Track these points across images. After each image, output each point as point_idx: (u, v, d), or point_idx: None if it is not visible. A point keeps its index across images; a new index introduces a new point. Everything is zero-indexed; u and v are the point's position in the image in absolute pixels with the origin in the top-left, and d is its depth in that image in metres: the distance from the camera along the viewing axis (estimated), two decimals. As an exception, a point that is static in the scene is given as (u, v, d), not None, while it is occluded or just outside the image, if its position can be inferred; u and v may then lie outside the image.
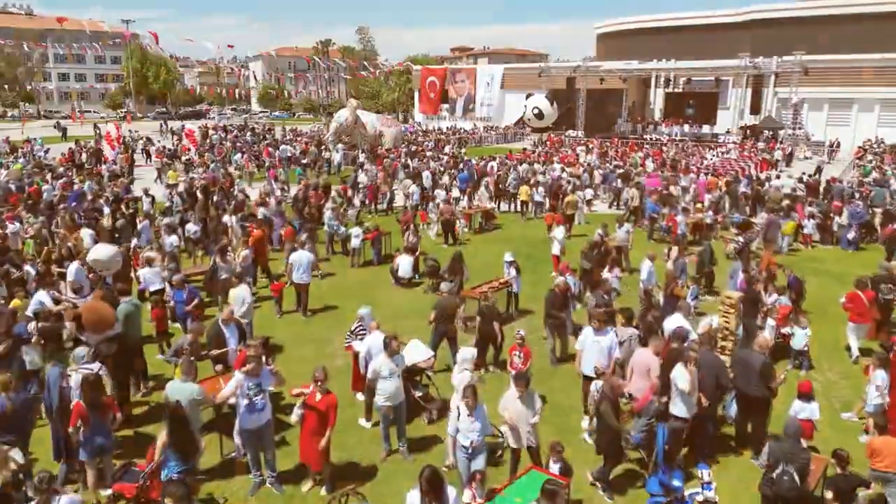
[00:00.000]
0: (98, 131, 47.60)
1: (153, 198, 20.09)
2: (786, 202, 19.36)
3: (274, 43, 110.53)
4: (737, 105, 48.90)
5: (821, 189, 23.57)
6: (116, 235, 15.40)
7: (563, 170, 27.28)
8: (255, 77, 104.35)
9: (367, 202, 23.28)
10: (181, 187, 20.51)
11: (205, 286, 12.98)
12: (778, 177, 23.77)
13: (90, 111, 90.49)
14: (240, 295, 10.56)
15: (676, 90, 54.54)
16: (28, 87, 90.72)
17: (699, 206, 20.28)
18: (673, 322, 8.98)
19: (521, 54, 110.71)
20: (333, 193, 20.00)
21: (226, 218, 16.05)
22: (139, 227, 16.09)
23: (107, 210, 17.47)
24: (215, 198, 20.27)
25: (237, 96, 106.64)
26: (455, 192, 24.47)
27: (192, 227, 15.75)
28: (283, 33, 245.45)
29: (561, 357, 10.78)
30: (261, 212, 18.24)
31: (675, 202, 20.04)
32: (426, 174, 25.40)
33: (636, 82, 55.56)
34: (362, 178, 23.55)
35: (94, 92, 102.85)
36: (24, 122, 66.53)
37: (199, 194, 20.14)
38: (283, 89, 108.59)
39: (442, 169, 28.21)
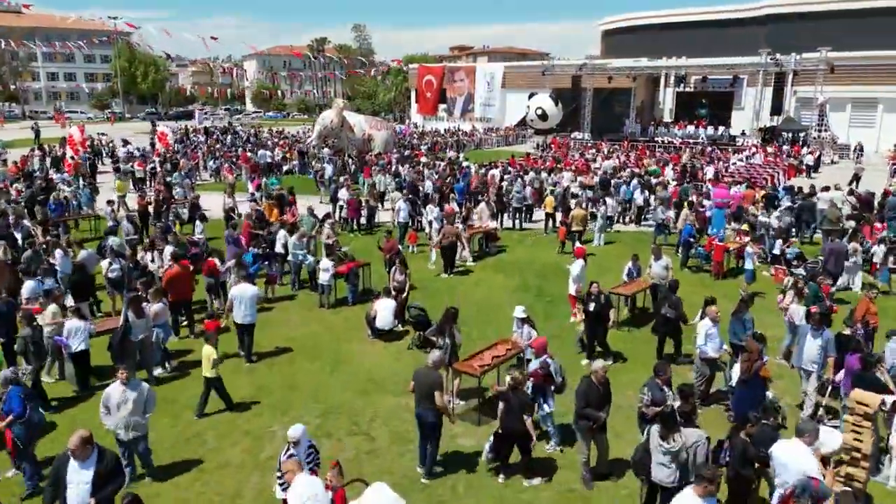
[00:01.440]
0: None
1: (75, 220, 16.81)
2: (850, 223, 16.06)
3: (273, 43, 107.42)
4: (754, 105, 45.66)
5: (875, 203, 20.32)
6: (19, 271, 12.11)
7: (574, 179, 23.98)
8: (246, 76, 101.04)
9: (348, 220, 20.03)
10: (121, 212, 17.11)
11: (111, 351, 9.64)
12: (826, 188, 20.52)
13: (77, 111, 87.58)
14: (140, 397, 7.11)
15: (687, 89, 51.33)
16: (12, 86, 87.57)
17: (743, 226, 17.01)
18: (792, 457, 5.64)
19: (521, 53, 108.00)
20: (304, 213, 16.64)
21: (142, 254, 12.72)
22: (56, 259, 12.82)
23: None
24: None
25: (228, 96, 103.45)
26: (453, 206, 21.22)
27: (108, 264, 12.32)
28: (283, 34, 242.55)
29: (600, 471, 7.50)
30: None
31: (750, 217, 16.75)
32: (428, 185, 22.07)
33: (644, 81, 52.32)
34: (343, 193, 20.19)
35: (84, 92, 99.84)
36: (1, 123, 63.44)
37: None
38: (276, 89, 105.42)
39: (437, 177, 24.90)
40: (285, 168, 30.53)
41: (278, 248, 15.20)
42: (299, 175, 30.32)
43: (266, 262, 13.58)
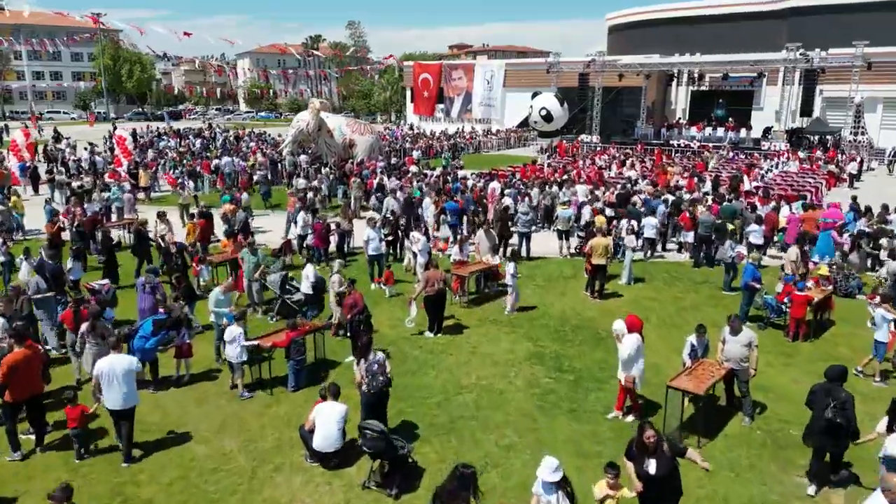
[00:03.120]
0: (57, 135, 40.40)
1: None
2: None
3: (271, 42, 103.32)
4: (784, 105, 41.78)
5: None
6: None
7: (590, 194, 19.98)
8: (236, 74, 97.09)
9: (313, 249, 16.03)
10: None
11: None
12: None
13: (60, 111, 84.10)
14: None
15: (702, 88, 47.38)
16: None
17: (821, 265, 13.05)
18: None
19: (521, 51, 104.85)
20: (245, 251, 12.64)
21: None
22: None
23: None
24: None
25: (218, 95, 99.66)
26: (444, 231, 17.25)
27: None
28: (283, 33, 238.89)
29: None
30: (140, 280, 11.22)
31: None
32: (426, 205, 18.04)
33: (655, 79, 48.38)
34: (303, 216, 16.17)
35: (71, 91, 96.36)
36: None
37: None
38: (268, 88, 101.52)
39: (428, 190, 20.96)
40: (255, 178, 26.45)
41: (305, 289, 11.68)
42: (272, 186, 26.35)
43: (174, 331, 9.60)
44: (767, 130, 40.80)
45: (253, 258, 12.29)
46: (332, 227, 16.08)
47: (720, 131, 41.39)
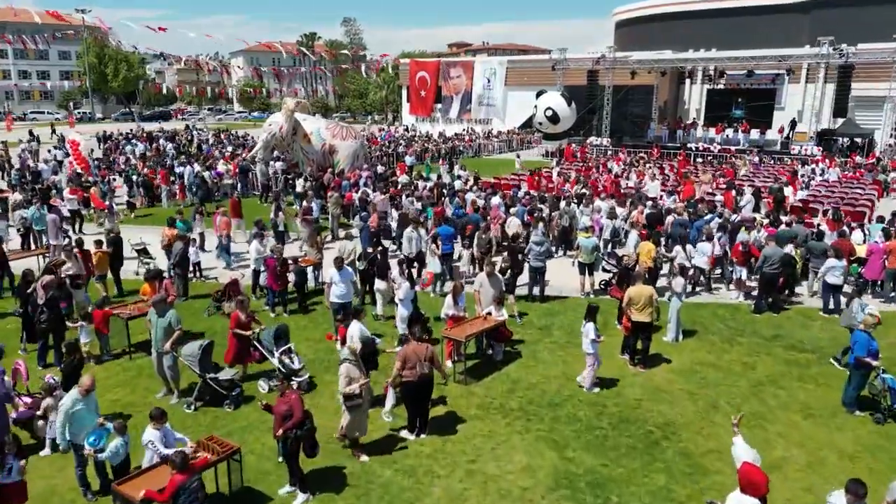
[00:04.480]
0: (33, 137, 37.12)
1: None
2: None
3: (259, 41, 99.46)
4: (803, 105, 38.21)
5: None
6: None
7: (612, 212, 16.38)
8: (228, 73, 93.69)
9: (266, 289, 12.48)
10: None
11: None
12: None
13: (44, 112, 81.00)
14: None
15: (718, 86, 43.92)
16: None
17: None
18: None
19: (522, 50, 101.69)
20: (151, 311, 9.04)
21: None
22: None
23: None
24: None
25: (208, 94, 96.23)
26: (435, 265, 13.66)
27: None
28: (282, 33, 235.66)
29: None
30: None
31: None
32: (420, 234, 14.37)
33: (667, 77, 44.89)
34: (256, 247, 12.67)
35: (58, 91, 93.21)
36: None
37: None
38: (261, 87, 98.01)
39: (418, 207, 17.43)
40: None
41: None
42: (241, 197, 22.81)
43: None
44: (794, 124, 37.51)
45: (161, 321, 8.68)
46: (290, 262, 12.51)
47: (741, 133, 37.98)
